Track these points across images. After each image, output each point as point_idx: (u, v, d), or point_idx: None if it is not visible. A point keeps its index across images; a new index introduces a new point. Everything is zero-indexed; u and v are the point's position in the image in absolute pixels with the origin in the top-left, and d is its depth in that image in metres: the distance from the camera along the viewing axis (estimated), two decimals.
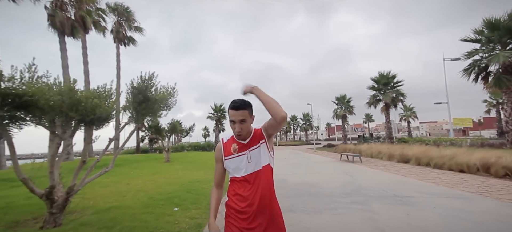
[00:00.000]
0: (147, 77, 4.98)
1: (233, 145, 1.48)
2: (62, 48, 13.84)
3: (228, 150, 1.50)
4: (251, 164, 1.45)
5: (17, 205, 5.03)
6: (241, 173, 1.45)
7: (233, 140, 1.51)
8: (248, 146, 1.47)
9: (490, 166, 7.44)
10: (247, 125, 1.45)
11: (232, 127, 1.45)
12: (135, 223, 3.96)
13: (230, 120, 1.45)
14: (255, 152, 1.45)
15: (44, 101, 3.45)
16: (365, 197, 5.37)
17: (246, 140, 1.49)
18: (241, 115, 1.41)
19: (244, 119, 1.42)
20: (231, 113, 1.43)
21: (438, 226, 3.52)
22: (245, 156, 1.45)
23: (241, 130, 1.42)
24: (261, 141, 1.47)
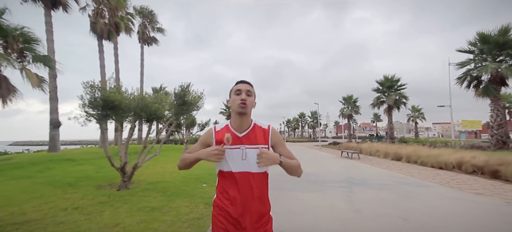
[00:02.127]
0: (185, 86, 6.62)
1: (226, 135, 1.24)
2: (100, 50, 15.91)
3: (219, 138, 1.28)
4: (245, 162, 1.25)
5: (92, 176, 6.82)
6: (230, 167, 1.26)
7: (228, 129, 1.32)
8: (244, 140, 1.28)
9: (462, 164, 8.65)
10: (251, 101, 1.30)
11: (236, 98, 1.28)
12: (179, 191, 5.60)
13: (235, 92, 1.30)
14: (252, 152, 1.26)
15: (125, 105, 5.13)
16: (350, 184, 6.81)
17: (243, 131, 1.30)
18: (247, 87, 1.30)
19: (250, 91, 1.30)
20: (237, 86, 1.31)
21: (394, 201, 4.95)
22: (239, 151, 1.26)
23: (246, 99, 1.26)
24: (264, 145, 1.28)
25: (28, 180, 5.97)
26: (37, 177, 6.33)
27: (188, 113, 6.85)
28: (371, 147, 17.76)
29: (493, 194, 5.46)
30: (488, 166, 7.69)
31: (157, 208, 4.22)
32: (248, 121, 1.31)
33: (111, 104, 5.00)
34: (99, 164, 8.96)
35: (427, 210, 4.36)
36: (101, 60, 16.05)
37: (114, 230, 3.26)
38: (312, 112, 56.98)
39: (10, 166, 7.88)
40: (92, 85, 4.85)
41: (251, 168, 1.25)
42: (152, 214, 3.92)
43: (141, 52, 24.33)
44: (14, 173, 6.73)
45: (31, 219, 3.51)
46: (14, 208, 3.94)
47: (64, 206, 4.11)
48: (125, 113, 5.20)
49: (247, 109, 1.27)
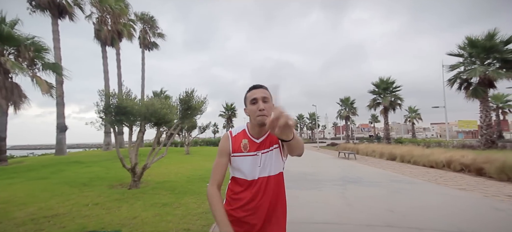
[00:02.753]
0: (190, 91, 7.09)
1: (243, 141, 1.22)
2: (103, 56, 16.39)
3: (237, 145, 1.24)
4: (262, 169, 1.20)
5: (103, 177, 7.24)
6: (246, 176, 1.20)
7: (245, 135, 1.26)
8: (261, 146, 1.22)
9: (451, 163, 9.14)
10: (269, 107, 1.19)
11: (254, 108, 1.18)
12: (186, 190, 6.04)
13: (251, 101, 1.20)
14: (268, 156, 1.21)
15: (135, 111, 5.59)
16: (345, 182, 7.28)
17: (260, 137, 1.24)
18: (262, 93, 1.20)
19: (266, 97, 1.19)
20: (252, 92, 1.21)
21: (383, 196, 5.42)
22: (256, 158, 1.21)
23: (264, 109, 1.16)
24: (275, 145, 1.23)
25: (45, 180, 6.40)
26: (52, 178, 6.75)
27: (192, 117, 7.32)
28: (368, 148, 18.25)
29: (474, 189, 5.94)
30: (474, 164, 8.18)
31: (168, 204, 4.67)
32: (264, 126, 1.21)
33: (123, 109, 5.46)
34: (107, 166, 9.38)
35: (411, 203, 4.83)
36: (105, 66, 16.53)
37: (133, 222, 3.70)
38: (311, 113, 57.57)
39: (23, 168, 8.29)
40: (107, 94, 5.30)
41: (267, 171, 1.20)
42: (164, 209, 4.37)
43: (142, 57, 24.81)
44: (30, 175, 7.14)
45: (59, 213, 3.95)
46: (41, 204, 4.37)
47: (84, 203, 4.55)
48: (136, 118, 5.65)
49: (264, 121, 1.15)
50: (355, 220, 3.91)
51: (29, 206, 4.22)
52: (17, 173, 7.50)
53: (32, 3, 12.33)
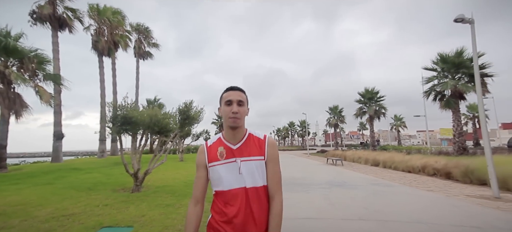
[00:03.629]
0: (188, 103, 7.68)
1: (219, 149, 1.14)
2: (100, 66, 16.73)
3: (213, 154, 1.15)
4: (242, 176, 1.11)
5: (104, 182, 7.63)
6: (227, 186, 1.11)
7: (220, 142, 1.17)
8: (239, 152, 1.14)
9: (426, 168, 10.03)
10: (244, 110, 1.15)
11: (227, 110, 1.13)
12: (184, 193, 6.54)
13: (225, 102, 1.14)
14: (250, 165, 1.12)
15: (140, 120, 6.12)
16: (330, 185, 7.95)
17: (237, 143, 1.16)
18: (238, 95, 1.15)
19: (242, 101, 1.14)
20: (227, 94, 1.16)
21: (362, 197, 6.11)
22: (234, 164, 1.12)
23: (237, 112, 1.12)
24: (259, 157, 1.14)
25: (51, 186, 6.75)
26: (57, 183, 7.10)
27: (190, 126, 7.89)
28: (354, 155, 19.16)
29: (440, 191, 6.75)
30: (444, 169, 9.07)
31: (170, 205, 5.18)
32: (242, 131, 1.17)
33: (130, 120, 5.99)
34: (105, 172, 9.72)
35: (384, 202, 5.54)
36: (101, 75, 16.85)
37: (142, 219, 4.22)
38: (301, 121, 58.65)
39: (24, 175, 8.53)
40: (115, 106, 5.83)
41: (248, 182, 1.11)
42: (168, 209, 4.89)
43: (137, 66, 25.16)
44: (34, 181, 7.44)
45: (74, 212, 4.41)
46: (56, 206, 4.80)
47: (95, 204, 5.01)
48: (140, 127, 6.18)
49: (239, 122, 1.13)
50: (334, 215, 4.56)
51: (46, 207, 4.65)
52: (21, 179, 7.77)
53: (33, 16, 12.69)
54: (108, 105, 5.80)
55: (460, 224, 3.90)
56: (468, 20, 6.11)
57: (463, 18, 6.11)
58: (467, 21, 6.12)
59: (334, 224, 4.07)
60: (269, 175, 1.16)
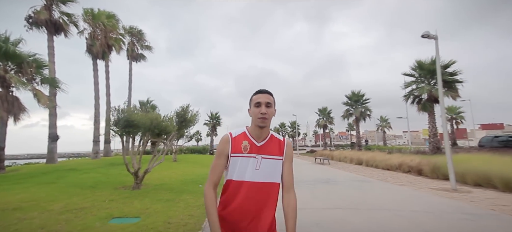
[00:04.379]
0: (185, 107, 8.22)
1: (243, 142, 1.23)
2: (94, 69, 16.86)
3: (237, 146, 1.23)
4: (258, 172, 1.20)
5: (104, 181, 8.02)
6: (243, 177, 1.20)
7: (245, 136, 1.26)
8: (261, 150, 1.23)
9: (402, 166, 10.96)
10: (272, 111, 1.25)
11: (256, 111, 1.23)
12: (182, 190, 7.07)
13: (255, 104, 1.24)
14: (268, 163, 1.23)
15: (141, 123, 6.62)
16: (315, 182, 8.66)
17: (261, 141, 1.25)
18: (267, 98, 1.24)
19: (270, 103, 1.24)
20: (257, 96, 1.25)
21: (341, 191, 6.84)
22: (254, 160, 1.21)
23: (266, 113, 1.21)
24: (279, 157, 1.26)
25: (54, 184, 7.10)
26: (59, 182, 7.45)
27: (187, 129, 8.43)
28: (341, 154, 20.11)
29: (410, 185, 7.59)
30: (417, 166, 9.99)
31: (170, 200, 5.71)
32: (267, 131, 1.27)
33: (132, 122, 6.48)
34: (103, 172, 10.06)
35: (359, 194, 6.29)
36: (95, 78, 16.99)
37: (147, 211, 4.74)
38: (291, 122, 59.67)
39: (24, 175, 8.76)
40: (118, 109, 6.32)
41: (262, 177, 1.20)
42: (169, 203, 5.42)
43: (130, 68, 25.22)
44: (35, 180, 7.74)
45: (85, 207, 4.88)
46: (66, 201, 5.24)
47: (101, 200, 5.48)
48: (141, 129, 6.68)
49: (267, 122, 1.23)
50: (315, 206, 5.25)
51: (57, 203, 5.09)
52: (22, 179, 8.04)
53: (30, 21, 12.79)
54: (112, 109, 6.27)
55: (417, 210, 4.66)
56: (432, 36, 6.98)
57: (429, 34, 6.98)
58: (432, 37, 6.99)
59: (315, 212, 4.74)
60: (285, 172, 1.29)
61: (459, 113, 33.54)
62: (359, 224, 3.91)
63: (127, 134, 6.57)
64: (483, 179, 6.61)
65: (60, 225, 3.82)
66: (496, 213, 4.39)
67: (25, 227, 3.70)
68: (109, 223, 3.99)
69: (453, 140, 33.48)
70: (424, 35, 7.02)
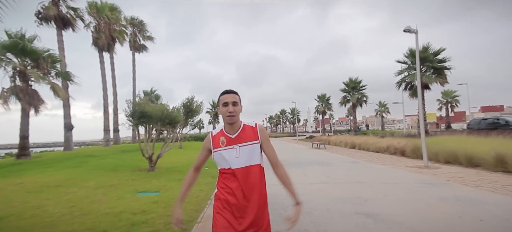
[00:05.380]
0: (191, 98, 9.08)
1: (221, 138, 1.44)
2: (101, 61, 17.59)
3: (216, 142, 1.45)
4: (239, 159, 1.40)
5: (122, 165, 9.04)
6: (228, 166, 1.41)
7: (222, 133, 1.47)
8: (236, 140, 1.43)
9: (389, 148, 11.92)
10: (238, 109, 1.45)
11: (225, 110, 1.42)
12: None
13: (223, 104, 1.44)
14: (246, 149, 1.42)
15: (154, 114, 7.53)
16: (308, 164, 9.64)
17: (234, 133, 1.45)
18: (233, 98, 1.43)
19: (236, 102, 1.43)
20: (224, 97, 1.44)
21: (330, 170, 7.82)
22: (232, 150, 1.41)
23: (233, 111, 1.41)
24: (255, 141, 1.44)
25: (79, 168, 8.14)
26: (83, 166, 8.48)
27: (192, 118, 9.36)
28: (337, 139, 21.10)
29: (390, 164, 8.55)
30: (401, 148, 10.95)
31: (181, 179, 6.66)
32: (237, 124, 1.45)
33: (146, 113, 7.39)
34: (118, 158, 11.12)
35: (344, 173, 7.26)
36: (102, 70, 17.76)
37: (164, 187, 5.74)
38: (292, 109, 60.49)
39: (49, 161, 9.81)
40: (134, 102, 7.20)
41: (244, 162, 1.39)
42: (181, 182, 6.37)
43: (133, 59, 25.84)
44: (61, 165, 8.78)
45: (113, 184, 5.89)
46: (96, 180, 6.25)
47: (125, 179, 6.49)
48: (154, 120, 7.59)
49: (235, 119, 1.41)
50: (304, 181, 6.22)
51: (89, 181, 6.11)
52: (49, 164, 9.09)
53: (39, 16, 13.39)
54: (128, 102, 7.16)
55: (387, 182, 5.63)
56: (413, 30, 7.69)
57: (409, 29, 7.68)
58: (412, 31, 7.70)
59: (303, 186, 5.71)
60: (267, 151, 1.48)
61: (455, 96, 34.18)
62: (336, 193, 4.88)
63: (142, 124, 7.49)
64: (452, 157, 7.55)
65: (99, 196, 4.82)
66: (449, 182, 5.35)
67: (72, 197, 4.71)
68: (136, 195, 4.99)
69: (447, 123, 34.40)
70: (405, 30, 7.72)
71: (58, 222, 3.39)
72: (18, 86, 9.77)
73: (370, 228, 3.08)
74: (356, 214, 3.60)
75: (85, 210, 3.90)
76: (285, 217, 1.40)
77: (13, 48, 9.31)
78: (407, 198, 4.36)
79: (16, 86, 9.78)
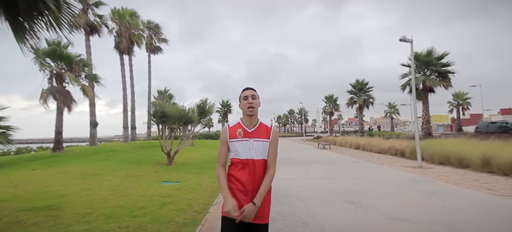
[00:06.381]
0: (204, 100, 9.99)
1: (238, 130, 1.56)
2: (121, 63, 18.95)
3: (233, 133, 1.57)
4: (251, 151, 1.54)
5: (142, 159, 10.07)
6: (241, 156, 1.54)
7: (239, 125, 1.59)
8: (252, 134, 1.56)
9: (390, 149, 12.39)
10: (257, 102, 1.59)
11: (245, 103, 1.57)
12: (204, 166, 8.95)
13: (243, 98, 1.59)
14: (258, 144, 1.55)
15: (173, 114, 8.47)
16: (312, 162, 10.33)
17: (251, 128, 1.58)
18: (252, 92, 1.59)
19: (255, 96, 1.59)
20: (245, 92, 1.61)
21: (330, 168, 8.49)
22: (247, 143, 1.54)
23: (252, 102, 1.55)
24: (266, 140, 1.57)
25: (108, 161, 9.22)
26: (111, 160, 9.58)
27: (205, 118, 10.27)
28: (343, 140, 21.56)
29: (388, 164, 9.11)
30: (402, 150, 11.41)
31: (197, 172, 7.60)
32: (256, 119, 1.60)
33: (166, 113, 8.34)
34: (138, 153, 12.22)
35: (343, 170, 7.92)
36: (122, 72, 19.14)
37: (183, 178, 6.63)
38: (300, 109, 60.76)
39: (80, 154, 11.02)
40: (156, 103, 8.17)
41: (255, 155, 1.53)
42: (196, 174, 7.29)
43: (148, 60, 27.22)
44: (92, 158, 9.93)
45: (140, 174, 6.85)
46: (125, 171, 7.25)
47: (148, 171, 7.46)
48: (172, 119, 8.54)
49: (254, 111, 1.56)
50: (305, 177, 6.96)
51: (120, 172, 7.11)
52: (81, 157, 10.27)
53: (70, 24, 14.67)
54: (153, 103, 8.14)
55: (378, 178, 6.28)
56: (408, 40, 8.23)
57: (405, 38, 8.23)
58: (408, 40, 8.24)
59: (303, 181, 6.46)
60: (270, 152, 1.59)
61: (466, 99, 33.53)
62: (331, 186, 5.59)
63: (162, 123, 8.46)
64: (445, 159, 8.03)
65: (131, 183, 5.77)
66: (433, 180, 5.94)
67: (111, 183, 5.68)
68: (161, 184, 5.91)
69: (458, 126, 33.81)
70: (401, 39, 8.27)
71: (106, 200, 4.33)
72: (55, 87, 11.04)
73: (350, 210, 3.81)
74: (342, 201, 4.32)
75: (124, 193, 4.83)
76: (237, 207, 1.45)
77: (51, 54, 10.58)
78: (390, 191, 5.02)
79: (53, 87, 11.05)
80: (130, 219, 3.45)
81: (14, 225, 3.11)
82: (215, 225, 3.41)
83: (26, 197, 4.38)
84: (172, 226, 3.24)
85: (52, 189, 5.02)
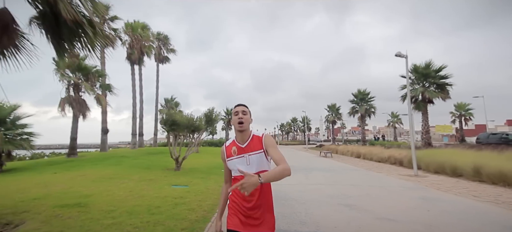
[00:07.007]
0: (211, 109, 10.53)
1: (233, 148, 1.61)
2: (132, 73, 19.82)
3: (229, 152, 1.63)
4: (249, 166, 1.55)
5: (152, 165, 10.55)
6: (239, 173, 1.54)
7: (234, 143, 1.64)
8: (246, 149, 1.59)
9: (389, 158, 12.66)
10: (248, 118, 1.63)
11: (235, 118, 1.61)
12: (210, 171, 9.39)
13: (234, 114, 1.63)
14: (254, 158, 1.57)
15: (182, 123, 9.00)
16: (312, 170, 10.69)
17: (244, 143, 1.61)
18: (242, 109, 1.63)
19: (245, 111, 1.63)
20: (236, 109, 1.65)
21: (329, 175, 8.84)
22: (243, 158, 1.58)
23: (242, 118, 1.59)
24: (260, 150, 1.58)
25: (120, 166, 9.74)
26: (123, 165, 10.09)
27: (212, 126, 10.79)
28: (344, 149, 21.79)
29: (385, 172, 9.42)
30: (400, 159, 11.69)
31: (204, 177, 8.04)
32: (247, 133, 1.63)
33: (176, 122, 8.88)
34: (147, 158, 12.74)
35: (342, 177, 8.28)
36: (133, 81, 20.00)
37: (191, 182, 7.08)
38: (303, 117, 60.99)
39: (92, 160, 11.59)
40: (164, 111, 8.73)
41: (255, 169, 1.54)
42: (203, 179, 7.74)
43: (157, 70, 28.12)
44: (104, 163, 10.46)
45: (152, 178, 7.33)
46: (138, 175, 7.73)
47: (159, 175, 7.93)
48: (181, 127, 9.07)
49: (244, 127, 1.59)
50: (305, 182, 7.34)
51: (134, 176, 7.60)
52: (95, 162, 10.82)
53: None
54: (161, 111, 8.68)
55: (374, 185, 6.64)
56: (403, 55, 8.71)
57: (400, 54, 8.71)
58: (403, 56, 8.72)
59: (303, 186, 6.85)
60: (273, 157, 1.55)
61: (468, 109, 33.50)
62: (329, 191, 5.98)
63: (172, 130, 8.99)
64: (440, 168, 8.33)
65: (144, 186, 6.25)
66: (426, 187, 6.27)
67: (126, 186, 6.16)
68: (172, 187, 6.37)
69: (461, 137, 33.64)
70: (397, 55, 8.75)
71: (125, 200, 4.81)
72: (72, 96, 11.75)
73: (344, 212, 4.21)
74: (338, 204, 4.72)
75: (140, 194, 5.31)
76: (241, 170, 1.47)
77: (71, 65, 11.34)
78: (383, 196, 5.39)
79: (70, 96, 11.76)
80: (149, 216, 3.92)
81: (53, 219, 3.60)
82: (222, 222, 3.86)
83: (57, 196, 4.89)
84: (186, 223, 3.69)
85: (76, 190, 5.53)
